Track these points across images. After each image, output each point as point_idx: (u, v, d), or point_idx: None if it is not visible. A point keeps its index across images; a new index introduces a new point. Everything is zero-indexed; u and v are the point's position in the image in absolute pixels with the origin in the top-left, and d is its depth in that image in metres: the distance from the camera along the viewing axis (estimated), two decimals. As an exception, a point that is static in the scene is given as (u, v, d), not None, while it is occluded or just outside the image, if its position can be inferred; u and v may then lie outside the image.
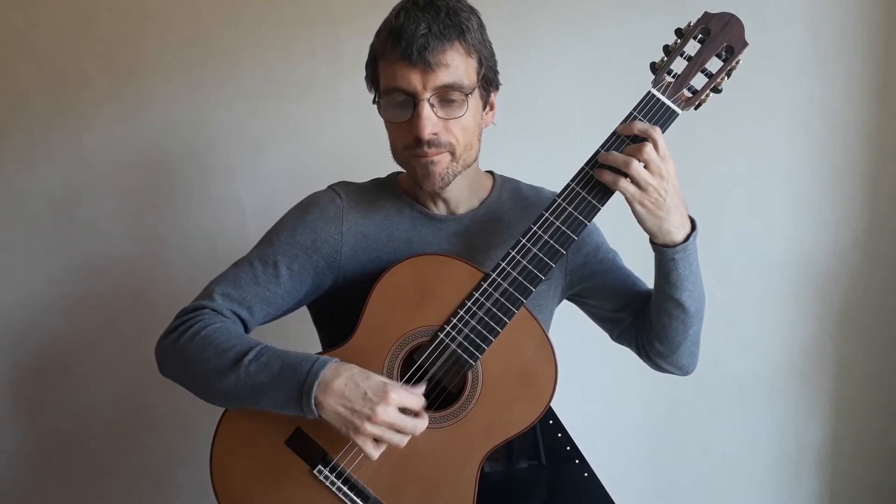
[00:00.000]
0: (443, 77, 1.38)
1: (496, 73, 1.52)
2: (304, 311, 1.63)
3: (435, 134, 1.41)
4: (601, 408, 2.36)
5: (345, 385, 1.32)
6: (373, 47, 1.47)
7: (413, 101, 1.40)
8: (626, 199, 1.35)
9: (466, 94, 1.42)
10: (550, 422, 1.56)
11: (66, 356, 2.32)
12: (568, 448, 1.57)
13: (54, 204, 2.24)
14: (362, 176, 1.64)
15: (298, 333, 1.80)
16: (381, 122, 1.54)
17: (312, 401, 1.31)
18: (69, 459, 2.36)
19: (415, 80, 1.38)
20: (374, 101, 1.51)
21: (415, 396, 1.35)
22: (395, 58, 1.38)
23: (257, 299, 1.48)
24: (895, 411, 2.38)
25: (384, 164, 1.64)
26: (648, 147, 1.33)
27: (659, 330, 1.54)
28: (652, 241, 1.45)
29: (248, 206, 2.26)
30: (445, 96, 1.40)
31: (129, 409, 2.34)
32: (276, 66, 2.20)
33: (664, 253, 1.43)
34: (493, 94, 1.53)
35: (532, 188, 1.68)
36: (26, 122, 2.21)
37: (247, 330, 1.50)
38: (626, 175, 1.34)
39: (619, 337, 1.70)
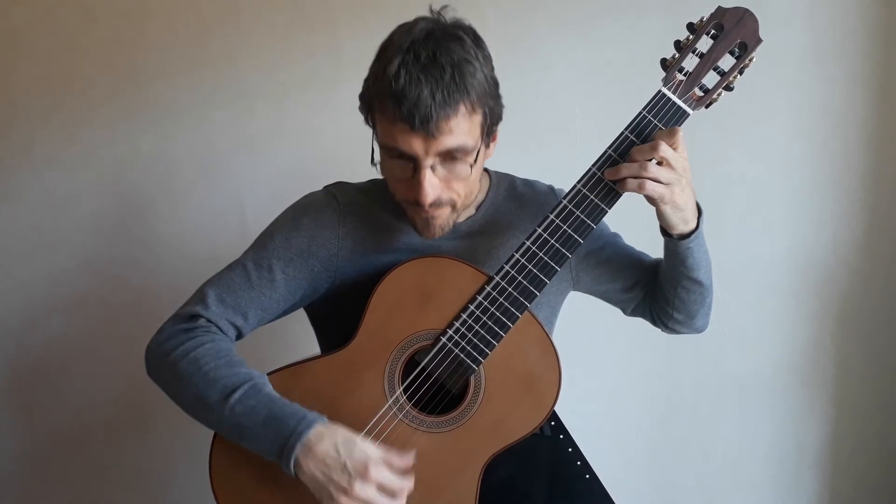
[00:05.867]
0: (446, 143, 1.32)
1: (501, 107, 1.44)
2: (304, 312, 1.63)
3: (437, 197, 1.37)
4: (601, 408, 2.36)
5: (327, 452, 1.28)
6: (369, 94, 1.38)
7: (413, 163, 1.35)
8: (655, 200, 1.34)
9: (473, 151, 1.37)
10: (553, 424, 1.55)
11: (66, 356, 2.31)
12: (570, 450, 1.56)
13: (54, 204, 2.24)
14: (362, 176, 1.63)
15: (299, 334, 1.80)
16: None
17: (292, 461, 1.29)
18: (69, 459, 2.36)
19: (416, 145, 1.31)
20: (366, 123, 1.45)
21: (397, 478, 1.31)
22: (395, 119, 1.30)
23: (252, 304, 1.46)
24: (895, 411, 2.38)
25: (384, 165, 1.64)
26: (664, 145, 1.30)
27: (677, 303, 1.54)
28: (666, 233, 1.44)
29: (247, 205, 2.25)
30: (449, 157, 1.35)
31: (129, 409, 2.34)
32: (276, 66, 2.20)
33: (679, 244, 1.43)
34: (496, 129, 1.46)
35: (526, 183, 1.66)
36: (26, 122, 2.20)
37: (241, 336, 1.49)
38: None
39: (632, 312, 1.70)
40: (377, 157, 1.44)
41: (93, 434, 2.35)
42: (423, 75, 1.28)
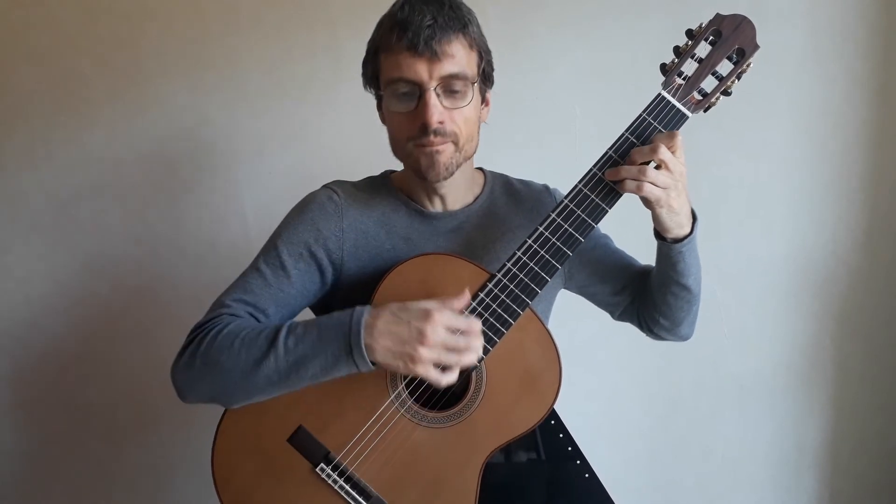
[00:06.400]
0: (448, 67, 1.40)
1: (493, 69, 1.54)
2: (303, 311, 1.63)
3: (441, 122, 1.41)
4: (602, 408, 2.37)
5: (387, 322, 1.31)
6: (373, 41, 1.48)
7: (418, 90, 1.41)
8: (651, 202, 1.37)
9: (471, 84, 1.44)
10: (552, 422, 1.55)
11: (66, 356, 2.31)
12: (569, 448, 1.56)
13: (54, 204, 2.24)
14: (362, 176, 1.64)
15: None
16: (380, 121, 1.53)
17: (363, 349, 1.30)
18: (69, 459, 2.36)
19: (421, 69, 1.39)
20: (376, 95, 1.52)
21: (460, 317, 1.33)
22: (400, 48, 1.39)
23: (271, 301, 1.46)
24: (895, 411, 2.38)
25: (384, 165, 1.64)
26: (663, 148, 1.34)
27: (664, 309, 1.58)
28: (659, 236, 1.47)
29: (248, 205, 2.26)
30: (450, 86, 1.42)
31: (129, 409, 2.34)
32: (276, 66, 2.20)
33: (672, 248, 1.46)
34: (488, 91, 1.55)
35: (522, 182, 1.69)
36: (27, 122, 2.20)
37: None
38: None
39: (620, 316, 1.73)
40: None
41: (93, 434, 2.35)
42: (424, 6, 1.40)
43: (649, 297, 1.61)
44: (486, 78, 1.51)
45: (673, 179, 1.35)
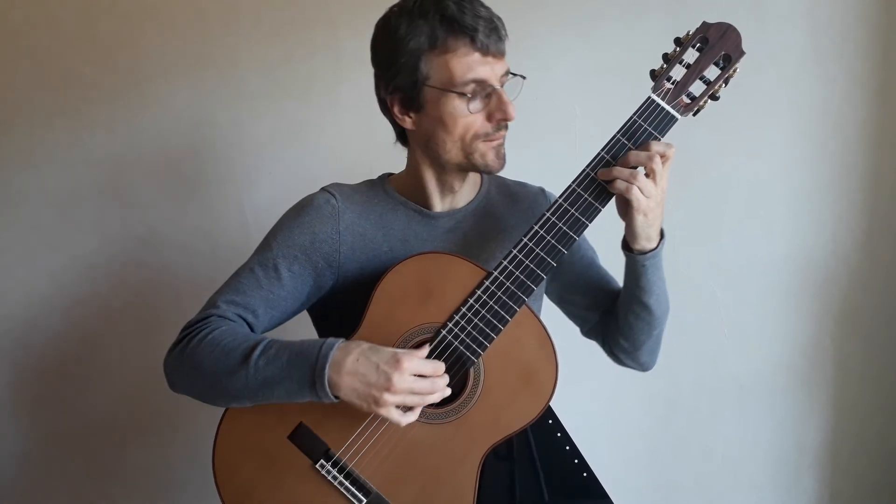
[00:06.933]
0: (505, 63, 1.45)
1: None
2: (302, 313, 1.63)
3: None
4: (601, 408, 2.37)
5: (356, 361, 1.32)
6: (421, 51, 1.43)
7: (488, 89, 1.43)
8: (632, 205, 1.39)
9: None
10: (550, 421, 1.56)
11: (66, 356, 2.31)
12: (567, 447, 1.57)
13: (54, 204, 2.24)
14: (362, 176, 1.65)
15: (298, 335, 1.80)
16: (380, 121, 1.54)
17: (326, 383, 1.32)
18: (69, 459, 2.36)
19: (491, 69, 1.42)
20: (405, 111, 1.50)
21: (427, 362, 1.36)
22: (472, 50, 1.41)
23: (261, 303, 1.48)
24: (895, 411, 2.38)
25: (384, 164, 1.65)
26: (657, 158, 1.37)
27: (626, 329, 1.60)
28: (626, 247, 1.50)
29: (248, 205, 2.26)
30: (503, 82, 1.46)
31: (129, 409, 2.34)
32: (277, 66, 2.20)
33: (636, 260, 1.48)
34: None
35: (518, 183, 1.72)
36: (26, 122, 2.20)
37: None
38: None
39: (588, 332, 1.76)
40: (409, 125, 1.51)
41: (93, 434, 2.35)
42: (478, 6, 1.42)
43: (614, 316, 1.63)
44: None
45: (657, 190, 1.39)
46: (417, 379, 1.33)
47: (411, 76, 1.44)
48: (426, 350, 1.39)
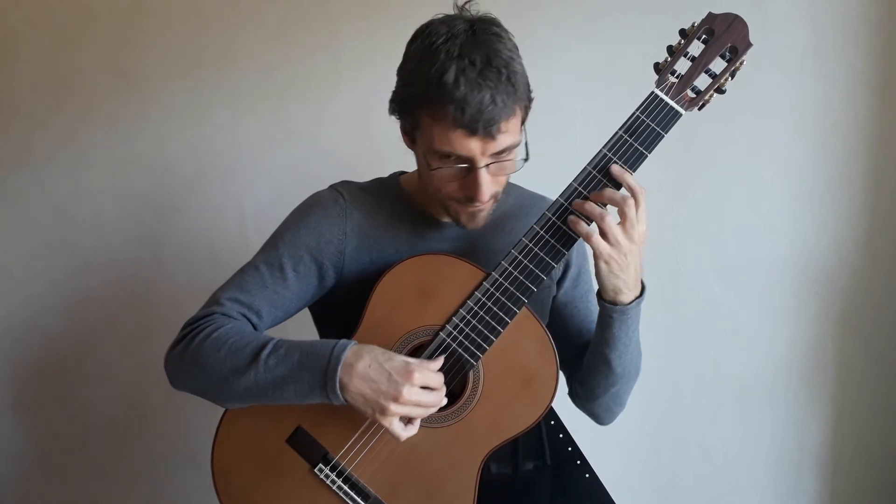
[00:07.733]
0: (501, 142, 1.34)
1: (532, 100, 1.44)
2: (303, 312, 1.63)
3: (491, 193, 1.39)
4: (601, 408, 2.36)
5: (368, 366, 1.30)
6: (417, 99, 1.36)
7: (469, 164, 1.35)
8: (594, 253, 1.35)
9: (516, 149, 1.39)
10: (552, 422, 1.55)
11: (66, 356, 2.31)
12: (570, 449, 1.56)
13: (54, 204, 2.24)
14: (363, 176, 1.63)
15: (297, 335, 1.80)
16: (380, 121, 1.52)
17: (337, 384, 1.30)
18: (69, 459, 2.36)
19: (475, 148, 1.33)
20: (405, 132, 1.45)
21: (437, 375, 1.33)
22: (456, 126, 1.31)
23: (266, 302, 1.46)
24: (895, 411, 2.38)
25: (384, 164, 1.64)
26: (631, 203, 1.32)
27: (582, 374, 1.57)
28: (598, 294, 1.44)
29: (247, 205, 2.26)
30: (501, 157, 1.37)
31: (129, 409, 2.34)
32: (276, 66, 2.20)
33: (605, 308, 1.43)
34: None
35: (538, 196, 1.66)
36: (26, 122, 2.20)
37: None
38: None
39: (560, 364, 1.67)
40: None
41: (93, 434, 2.35)
42: (481, 80, 1.29)
43: (581, 358, 1.58)
44: (526, 116, 1.43)
45: (626, 241, 1.33)
46: (424, 392, 1.31)
47: (412, 125, 1.41)
48: (440, 362, 1.37)
